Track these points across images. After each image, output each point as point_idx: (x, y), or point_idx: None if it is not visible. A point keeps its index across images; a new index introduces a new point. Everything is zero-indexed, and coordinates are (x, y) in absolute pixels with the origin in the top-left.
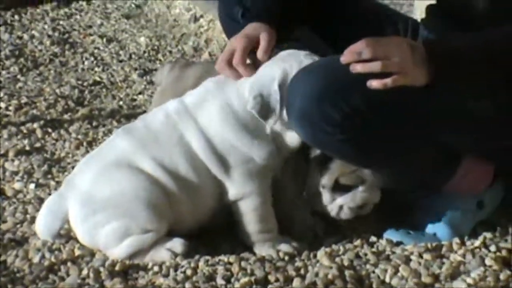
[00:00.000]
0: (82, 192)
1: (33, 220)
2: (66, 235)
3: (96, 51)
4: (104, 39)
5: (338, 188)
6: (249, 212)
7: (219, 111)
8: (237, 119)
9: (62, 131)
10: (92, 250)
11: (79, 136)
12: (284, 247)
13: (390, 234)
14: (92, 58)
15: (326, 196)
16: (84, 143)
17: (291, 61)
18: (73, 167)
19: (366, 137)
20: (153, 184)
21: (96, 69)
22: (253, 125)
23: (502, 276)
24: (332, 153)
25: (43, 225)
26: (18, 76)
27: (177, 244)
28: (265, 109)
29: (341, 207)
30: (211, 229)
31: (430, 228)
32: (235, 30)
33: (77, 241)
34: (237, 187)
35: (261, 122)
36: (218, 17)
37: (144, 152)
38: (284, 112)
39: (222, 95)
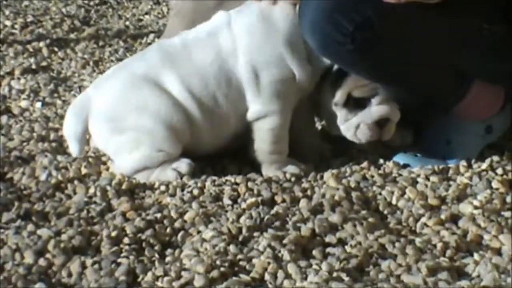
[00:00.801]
0: (106, 98)
1: (39, 138)
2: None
3: None
4: None
5: (352, 104)
6: (267, 131)
7: (262, 27)
8: (281, 35)
9: (68, 50)
10: (99, 168)
11: (85, 56)
12: (291, 169)
13: (397, 157)
14: None
15: (341, 115)
16: (91, 63)
17: None
18: (79, 87)
19: (376, 49)
20: (176, 106)
21: None
22: (294, 42)
23: (508, 199)
24: (343, 64)
25: (69, 125)
26: None
27: (183, 164)
28: None
29: (357, 127)
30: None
31: (437, 152)
32: None
33: (84, 160)
34: (264, 104)
35: (300, 40)
36: None
37: (174, 71)
38: None
39: (264, 11)
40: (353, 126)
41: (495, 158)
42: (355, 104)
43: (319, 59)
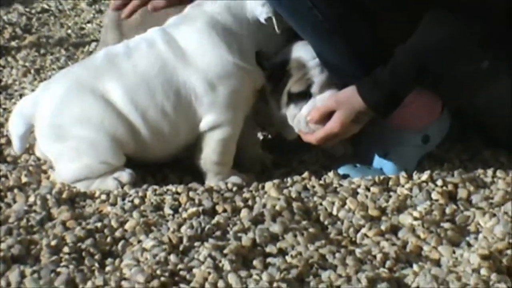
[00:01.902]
0: (51, 103)
1: None
2: (13, 162)
3: None
4: None
5: (294, 100)
6: (218, 141)
7: (212, 39)
8: (231, 44)
9: (9, 58)
10: (40, 177)
11: (27, 64)
12: (233, 179)
13: (337, 168)
14: None
15: (289, 114)
16: (32, 71)
17: None
18: (20, 94)
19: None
20: (120, 117)
21: None
22: (245, 48)
23: (448, 210)
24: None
25: (13, 125)
26: None
27: (124, 174)
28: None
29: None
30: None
31: (376, 163)
32: None
33: (25, 168)
34: (219, 114)
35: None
36: None
37: (119, 82)
38: None
39: (208, 17)
40: (303, 118)
41: (435, 169)
42: (297, 100)
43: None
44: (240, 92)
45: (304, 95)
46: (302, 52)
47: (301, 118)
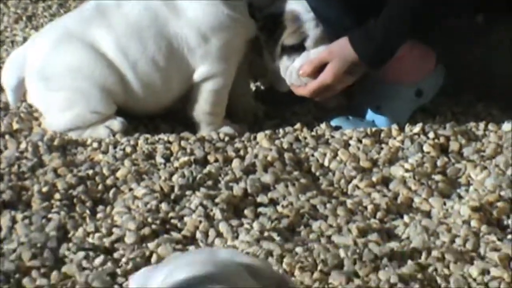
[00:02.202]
0: (41, 55)
1: None
2: (4, 108)
3: None
4: None
5: (287, 53)
6: (211, 92)
7: None
8: None
9: (1, 5)
10: (31, 124)
11: (18, 11)
12: (225, 129)
13: (330, 119)
14: None
15: (282, 66)
16: (24, 18)
17: None
18: (12, 41)
19: None
20: (111, 68)
21: None
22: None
23: (439, 162)
24: None
25: (5, 77)
26: None
27: (116, 122)
28: None
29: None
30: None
31: (369, 116)
32: None
33: (16, 115)
34: (211, 66)
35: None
36: None
37: (110, 33)
38: None
39: None
40: (295, 70)
41: (427, 122)
42: (291, 52)
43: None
44: (232, 43)
45: (298, 48)
46: (297, 5)
47: (293, 70)
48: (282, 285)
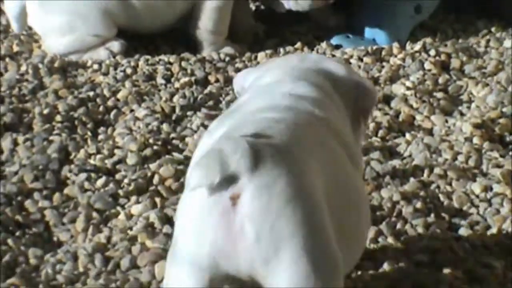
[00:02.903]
0: None
1: None
2: (4, 31)
3: None
4: None
5: None
6: (214, 9)
7: None
8: None
9: None
10: (31, 46)
11: None
12: (226, 49)
13: (330, 38)
14: None
15: None
16: None
17: None
18: None
19: None
20: None
21: None
22: None
23: (440, 80)
24: None
25: (8, 5)
26: None
27: (116, 43)
28: None
29: None
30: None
31: (368, 33)
32: None
33: (16, 37)
34: None
35: None
36: None
37: None
38: None
39: None
40: None
41: (428, 39)
42: None
43: None
44: None
45: None
46: None
47: None
48: (360, 86)
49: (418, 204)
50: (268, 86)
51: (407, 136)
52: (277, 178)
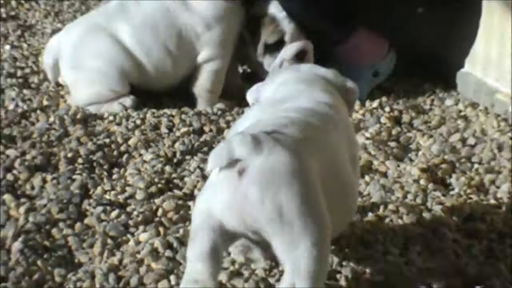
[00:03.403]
0: (71, 42)
1: (8, 74)
2: (36, 88)
3: None
4: None
5: (270, 50)
6: (210, 72)
7: None
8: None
9: (33, 3)
10: (58, 101)
11: (47, 7)
12: (219, 105)
13: None
14: None
15: (266, 62)
16: (52, 13)
17: None
18: (42, 33)
19: None
20: (127, 53)
21: None
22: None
23: (393, 132)
24: None
25: (45, 60)
26: None
27: (128, 99)
28: None
29: (281, 64)
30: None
31: None
32: None
33: (46, 93)
34: (213, 50)
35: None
36: None
37: (127, 24)
38: None
39: None
40: (277, 66)
41: (384, 98)
42: (273, 49)
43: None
44: (230, 30)
45: (279, 44)
46: (272, 6)
47: (276, 67)
48: (346, 85)
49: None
50: (286, 93)
51: (366, 178)
52: (277, 159)
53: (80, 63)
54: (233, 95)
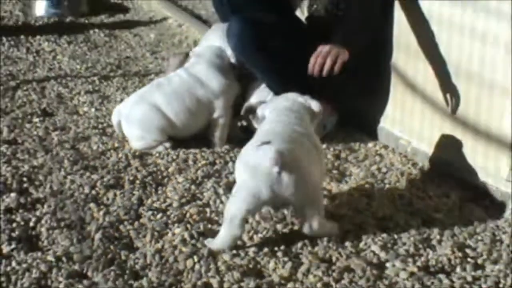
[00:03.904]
0: (129, 107)
1: (93, 127)
2: (110, 135)
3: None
4: (132, 35)
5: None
6: (221, 126)
7: (212, 70)
8: (222, 72)
9: (109, 81)
10: (124, 144)
11: (118, 84)
12: (226, 146)
13: None
14: (125, 45)
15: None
16: (120, 88)
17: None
18: (115, 101)
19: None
20: (164, 116)
21: (128, 49)
22: (229, 73)
23: (336, 163)
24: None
25: (113, 122)
26: None
27: (167, 143)
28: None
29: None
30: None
31: None
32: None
33: (115, 139)
34: (221, 110)
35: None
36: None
37: (164, 97)
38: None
39: (209, 62)
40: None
41: (329, 142)
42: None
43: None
44: (230, 98)
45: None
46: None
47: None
48: (312, 108)
49: None
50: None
51: None
52: (294, 165)
53: (134, 123)
54: (234, 140)
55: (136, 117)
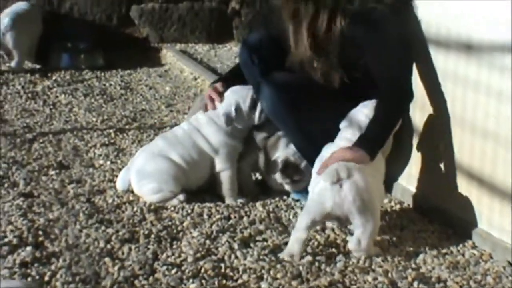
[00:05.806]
0: (138, 167)
1: (108, 180)
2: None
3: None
4: (148, 87)
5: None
6: (226, 179)
7: (211, 125)
8: (220, 128)
9: (124, 134)
10: (139, 197)
11: (133, 137)
12: (239, 200)
13: (294, 195)
14: (140, 98)
15: (277, 178)
16: (136, 141)
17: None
18: (130, 153)
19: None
20: (176, 166)
21: (143, 102)
22: (227, 129)
23: None
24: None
25: (119, 183)
26: None
27: (181, 196)
28: (228, 120)
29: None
30: (200, 189)
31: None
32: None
33: (129, 193)
34: (221, 164)
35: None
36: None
37: (174, 150)
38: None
39: (211, 118)
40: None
41: None
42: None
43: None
44: (230, 154)
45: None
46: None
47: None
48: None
49: None
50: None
51: None
52: (359, 180)
53: (146, 178)
54: (248, 193)
55: (150, 170)
